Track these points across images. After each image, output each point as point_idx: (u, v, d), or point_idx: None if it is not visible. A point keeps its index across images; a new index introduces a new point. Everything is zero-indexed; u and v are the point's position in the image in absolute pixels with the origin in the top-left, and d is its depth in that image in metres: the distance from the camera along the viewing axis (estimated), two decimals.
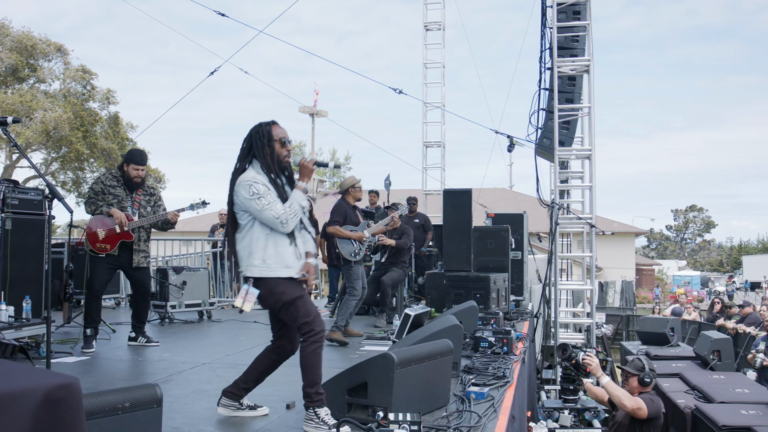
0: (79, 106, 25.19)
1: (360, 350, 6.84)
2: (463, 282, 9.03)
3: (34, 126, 23.23)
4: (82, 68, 25.93)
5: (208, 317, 9.54)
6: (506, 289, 9.57)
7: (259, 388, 4.89)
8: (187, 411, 4.23)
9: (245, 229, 3.95)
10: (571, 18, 10.74)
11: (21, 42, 24.49)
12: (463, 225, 9.76)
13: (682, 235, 71.45)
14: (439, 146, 17.23)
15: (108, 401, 2.75)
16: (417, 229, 11.97)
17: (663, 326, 9.73)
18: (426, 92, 17.25)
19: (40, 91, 25.48)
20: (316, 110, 32.16)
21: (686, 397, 6.00)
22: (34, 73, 25.59)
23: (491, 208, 26.85)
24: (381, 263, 9.35)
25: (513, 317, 9.46)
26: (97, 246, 6.61)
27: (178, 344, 7.20)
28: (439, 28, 17.35)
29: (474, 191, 10.08)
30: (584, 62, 10.32)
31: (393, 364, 3.71)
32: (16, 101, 23.38)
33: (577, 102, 10.65)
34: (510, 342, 6.33)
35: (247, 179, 3.92)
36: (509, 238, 9.85)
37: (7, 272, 6.84)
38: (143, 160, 6.88)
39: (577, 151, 10.50)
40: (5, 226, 6.89)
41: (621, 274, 35.00)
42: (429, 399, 4.10)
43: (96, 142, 25.29)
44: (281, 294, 3.87)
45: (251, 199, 3.86)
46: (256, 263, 3.90)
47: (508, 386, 4.88)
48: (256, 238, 3.91)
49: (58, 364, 5.91)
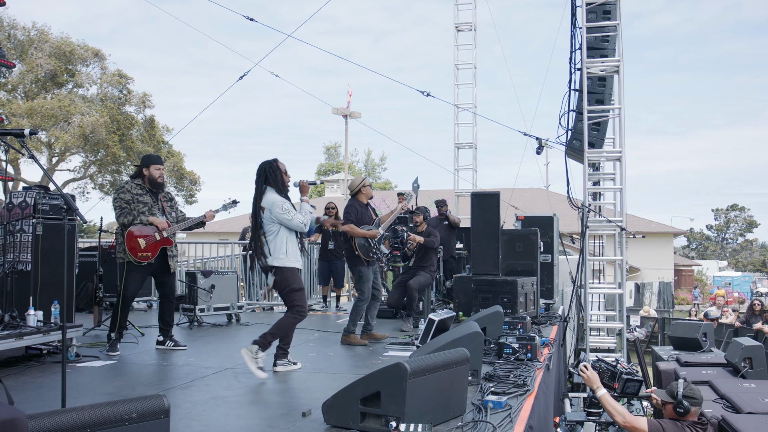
0: (116, 110, 25.63)
1: (383, 355, 6.82)
2: (490, 286, 8.96)
3: (72, 130, 23.70)
4: (119, 73, 26.39)
5: (237, 320, 9.60)
6: (535, 293, 9.46)
7: (275, 395, 4.93)
8: (204, 418, 4.26)
9: (274, 233, 5.66)
10: (601, 18, 10.56)
11: (59, 48, 25.02)
12: (490, 228, 9.69)
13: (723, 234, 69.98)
14: (471, 147, 17.13)
15: (115, 412, 2.76)
16: (447, 232, 11.93)
17: (695, 331, 9.53)
18: (457, 93, 17.16)
19: (78, 96, 25.99)
20: (349, 111, 32.28)
21: (714, 406, 5.85)
22: (72, 78, 26.12)
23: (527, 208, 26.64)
24: (408, 267, 9.32)
25: (542, 321, 9.36)
26: (139, 255, 6.66)
27: (204, 348, 7.26)
28: (470, 28, 17.25)
29: (508, 192, 10.00)
30: (614, 63, 10.14)
31: (406, 374, 3.69)
32: (54, 106, 23.89)
33: (607, 103, 10.47)
34: (534, 348, 6.26)
35: (277, 200, 5.63)
36: (537, 241, 9.74)
37: (38, 277, 6.99)
38: (161, 159, 7.03)
39: (607, 153, 10.32)
40: (36, 232, 7.04)
41: (659, 275, 34.40)
42: (444, 409, 4.06)
43: (132, 145, 25.72)
44: (292, 281, 5.72)
45: (283, 213, 5.62)
46: (281, 257, 5.65)
47: (527, 395, 4.82)
48: (281, 240, 5.66)
49: (85, 368, 6.00)
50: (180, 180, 29.05)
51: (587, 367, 5.17)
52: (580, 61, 10.50)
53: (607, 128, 10.78)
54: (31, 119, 23.49)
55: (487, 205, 9.75)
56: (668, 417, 4.87)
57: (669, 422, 4.79)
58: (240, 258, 13.33)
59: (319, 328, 8.87)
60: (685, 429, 4.72)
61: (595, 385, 5.09)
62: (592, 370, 5.18)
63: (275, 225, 5.64)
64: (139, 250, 6.66)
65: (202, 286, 9.18)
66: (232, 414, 4.36)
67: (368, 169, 64.53)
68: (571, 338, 11.61)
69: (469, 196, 10.58)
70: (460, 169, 17.12)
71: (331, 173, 58.62)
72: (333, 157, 62.07)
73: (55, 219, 7.22)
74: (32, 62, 24.55)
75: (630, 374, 5.32)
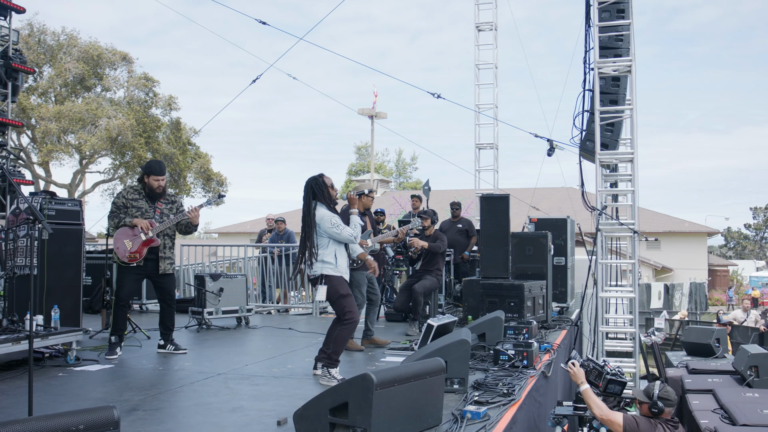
0: (142, 112, 25.99)
1: (381, 360, 6.80)
2: (497, 290, 8.87)
3: (99, 133, 24.09)
4: (145, 76, 26.76)
5: (246, 323, 9.65)
6: (544, 296, 9.34)
7: (260, 402, 4.94)
8: (178, 425, 4.28)
9: (324, 246, 5.80)
10: (615, 17, 10.38)
11: (87, 52, 25.45)
12: (500, 231, 9.58)
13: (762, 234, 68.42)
14: (492, 148, 16.98)
15: (61, 424, 2.78)
16: (460, 234, 11.86)
17: (708, 337, 9.31)
18: (478, 93, 17.00)
19: (105, 99, 26.42)
20: (375, 112, 32.34)
21: (712, 416, 5.70)
22: (100, 81, 26.55)
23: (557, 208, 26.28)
24: (415, 271, 9.27)
25: (551, 326, 9.24)
26: (128, 256, 6.77)
27: (205, 353, 7.30)
28: (491, 28, 17.08)
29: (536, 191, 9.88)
30: (626, 62, 9.97)
31: (372, 385, 3.66)
32: (82, 109, 24.31)
33: (621, 103, 10.29)
34: (530, 355, 6.17)
35: (326, 215, 5.80)
36: (548, 245, 9.60)
37: (44, 281, 7.12)
38: (162, 170, 7.07)
39: (619, 155, 10.14)
40: (42, 237, 7.16)
41: (692, 275, 33.76)
42: (416, 420, 4.02)
43: (158, 147, 26.04)
44: (340, 288, 5.77)
45: (332, 227, 5.76)
46: (331, 267, 5.77)
47: (511, 405, 4.75)
48: (330, 251, 5.80)
49: (81, 372, 6.08)
50: (207, 181, 29.33)
51: (575, 363, 5.43)
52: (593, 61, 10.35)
53: (621, 129, 10.60)
54: (59, 123, 23.94)
55: (497, 208, 9.64)
56: (643, 412, 5.23)
57: (643, 418, 5.11)
58: (256, 260, 13.43)
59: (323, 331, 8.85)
60: (659, 426, 5.00)
61: (580, 381, 5.36)
62: (579, 366, 5.37)
63: (325, 238, 5.79)
64: (126, 251, 6.75)
65: (210, 289, 9.25)
66: (208, 422, 4.37)
67: (399, 169, 64.53)
68: (587, 344, 11.42)
69: None
70: (481, 170, 17.00)
71: (361, 173, 58.77)
72: (364, 157, 62.17)
73: (61, 224, 7.35)
74: (61, 66, 25.02)
75: (615, 375, 5.55)
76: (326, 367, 5.60)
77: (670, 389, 5.25)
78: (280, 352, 7.36)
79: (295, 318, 11.02)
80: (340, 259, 5.84)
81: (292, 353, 7.24)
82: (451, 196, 16.82)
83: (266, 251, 12.56)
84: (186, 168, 27.81)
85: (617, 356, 10.97)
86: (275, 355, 7.13)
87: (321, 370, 5.65)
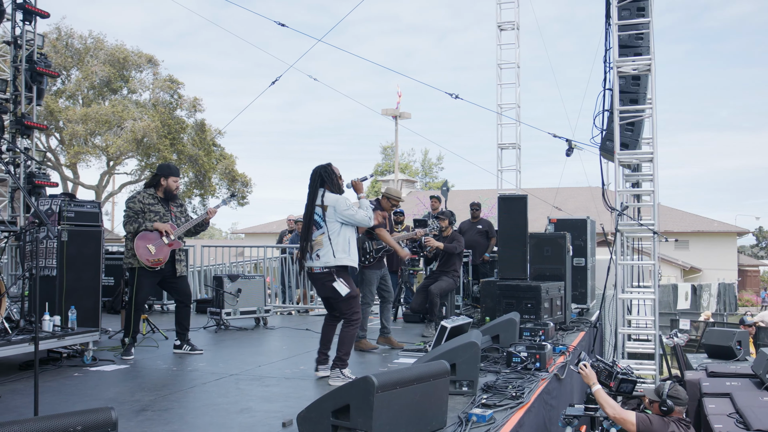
0: (167, 114, 26.28)
1: (394, 362, 6.79)
2: (513, 291, 8.81)
3: (125, 135, 24.42)
4: (170, 78, 27.06)
5: (264, 324, 9.71)
6: (562, 298, 9.26)
7: (268, 403, 4.96)
8: (184, 425, 4.31)
9: (336, 231, 5.57)
10: (635, 15, 10.26)
11: (113, 55, 25.82)
12: (518, 232, 9.54)
13: None
14: (514, 148, 16.88)
15: (59, 425, 2.81)
16: (480, 235, 11.81)
17: (729, 339, 9.16)
18: (500, 93, 16.89)
19: (131, 101, 26.77)
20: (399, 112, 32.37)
21: (726, 421, 5.60)
22: (126, 84, 26.92)
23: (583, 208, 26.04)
24: (432, 272, 9.26)
25: (569, 328, 9.16)
26: (152, 261, 6.84)
27: (220, 353, 7.36)
28: (513, 27, 16.98)
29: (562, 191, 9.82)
30: (645, 61, 9.84)
31: (373, 388, 3.65)
32: (108, 111, 24.67)
33: (642, 102, 10.16)
34: (543, 357, 6.13)
35: (339, 198, 5.64)
36: (566, 245, 9.52)
37: (63, 282, 7.22)
38: (179, 171, 7.20)
39: (638, 154, 10.01)
40: (61, 238, 7.28)
41: (721, 275, 33.22)
42: (419, 423, 4.01)
43: (183, 149, 26.31)
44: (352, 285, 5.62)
45: (348, 209, 5.59)
46: (344, 256, 5.56)
47: (518, 408, 4.72)
48: (344, 239, 5.60)
49: (97, 372, 6.16)
50: (232, 182, 29.56)
51: (586, 365, 5.40)
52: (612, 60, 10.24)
53: (641, 128, 10.47)
54: (86, 125, 24.30)
55: (515, 209, 9.59)
56: (654, 411, 5.25)
57: (656, 416, 5.12)
58: (278, 261, 13.49)
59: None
60: (671, 424, 4.99)
61: (591, 382, 5.37)
62: (590, 368, 5.35)
63: (337, 224, 5.58)
64: (150, 256, 6.83)
65: (228, 290, 9.32)
66: (215, 422, 4.40)
67: (425, 169, 64.41)
68: (607, 346, 11.31)
69: None
70: (503, 170, 16.90)
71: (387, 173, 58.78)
72: (389, 157, 62.21)
73: (80, 225, 7.45)
74: (88, 69, 25.40)
75: (625, 374, 5.56)
76: (338, 368, 5.54)
77: (681, 389, 5.26)
78: (295, 353, 7.40)
79: (315, 318, 11.05)
80: (352, 247, 5.67)
81: (306, 354, 7.26)
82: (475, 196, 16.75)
83: (286, 252, 12.62)
84: (211, 169, 28.06)
85: (639, 358, 10.83)
86: (289, 356, 7.16)
87: (332, 371, 5.59)
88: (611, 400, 5.18)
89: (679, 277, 34.81)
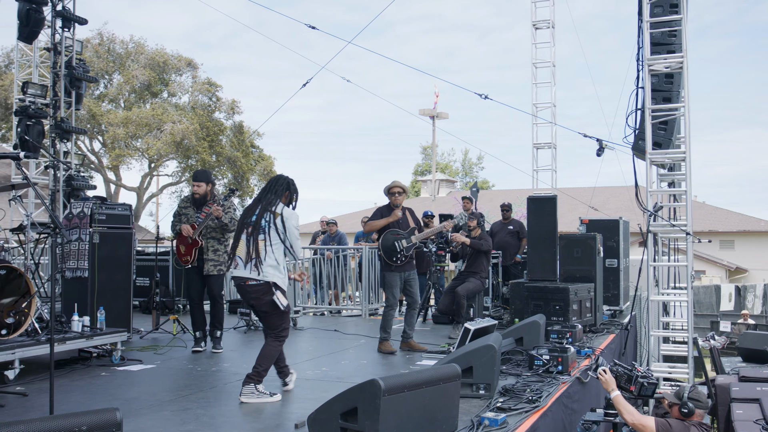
0: (206, 117, 26.68)
1: (417, 363, 6.79)
2: (541, 293, 8.72)
3: (164, 137, 24.87)
4: (208, 81, 27.49)
5: (294, 325, 9.78)
6: (592, 300, 9.13)
7: (284, 404, 5.01)
8: (202, 426, 4.38)
9: (278, 244, 5.18)
10: (668, 12, 10.06)
11: (154, 59, 26.34)
12: (547, 233, 9.42)
13: None
14: (550, 147, 16.71)
15: (64, 425, 2.89)
16: (511, 236, 11.72)
17: (764, 343, 8.93)
18: (536, 92, 16.72)
19: (171, 104, 27.25)
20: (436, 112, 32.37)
21: (753, 428, 5.47)
22: (166, 87, 27.43)
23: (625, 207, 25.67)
24: (459, 273, 9.23)
25: (599, 330, 9.05)
26: (183, 259, 7.43)
27: (246, 354, 7.44)
28: (548, 26, 16.80)
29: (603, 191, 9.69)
30: (677, 59, 9.65)
31: (380, 391, 3.66)
32: (148, 115, 25.18)
33: (675, 101, 9.96)
34: (566, 361, 6.06)
35: (293, 214, 5.28)
36: (597, 247, 9.38)
37: (95, 283, 7.41)
38: (197, 177, 7.60)
39: (670, 154, 9.82)
40: (93, 240, 7.48)
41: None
42: (428, 426, 4.00)
43: (221, 150, 26.69)
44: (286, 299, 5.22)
45: (297, 228, 5.26)
46: (281, 275, 5.19)
47: (533, 411, 4.68)
48: (280, 255, 5.20)
49: (125, 371, 6.29)
50: None
51: (605, 371, 5.24)
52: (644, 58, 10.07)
53: (675, 127, 10.27)
54: (127, 128, 24.82)
55: (544, 209, 9.48)
56: (674, 415, 5.09)
57: (676, 420, 4.98)
58: (310, 261, 13.57)
59: (369, 333, 8.92)
60: (692, 428, 4.88)
61: (611, 388, 5.18)
62: (609, 374, 5.21)
63: (279, 237, 5.18)
64: (181, 255, 7.42)
65: None
66: (229, 422, 4.47)
67: (465, 169, 64.15)
68: (641, 351, 11.12)
69: None
70: (539, 170, 16.74)
71: (427, 173, 58.73)
72: (429, 156, 62.14)
73: (112, 228, 7.64)
74: (129, 74, 25.94)
75: (645, 377, 5.41)
76: (253, 383, 5.11)
77: (702, 391, 5.14)
78: (319, 354, 7.45)
79: (345, 320, 11.11)
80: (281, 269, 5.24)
81: (330, 355, 7.31)
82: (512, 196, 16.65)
83: (317, 253, 12.70)
84: (249, 170, 28.39)
85: (675, 361, 10.63)
86: (313, 357, 7.22)
87: (246, 386, 5.10)
88: (630, 406, 5.07)
89: (724, 278, 33.98)
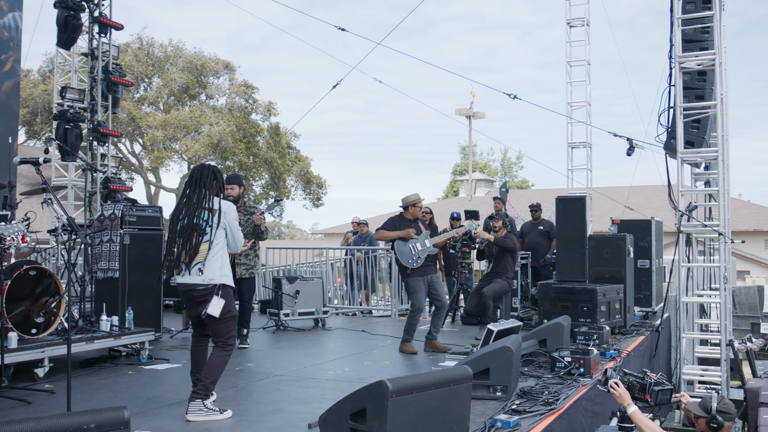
0: (242, 119, 27.01)
1: (439, 365, 6.80)
2: (569, 294, 8.64)
3: (202, 139, 25.24)
4: (245, 83, 27.81)
5: (322, 325, 9.87)
6: (621, 301, 9.01)
7: (302, 404, 5.06)
8: (217, 426, 4.46)
9: (220, 244, 4.77)
10: (700, 8, 9.88)
11: (192, 62, 26.76)
12: (576, 233, 9.34)
13: None
14: (585, 147, 16.51)
15: (72, 422, 2.97)
16: (541, 236, 11.64)
17: None
18: (570, 91, 16.53)
19: (208, 107, 27.65)
20: (473, 112, 32.26)
21: None
22: (203, 90, 27.84)
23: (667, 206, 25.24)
24: (486, 274, 9.21)
25: (629, 332, 8.94)
26: None
27: (272, 353, 7.55)
28: (582, 24, 16.61)
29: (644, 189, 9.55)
30: (710, 56, 9.46)
31: (387, 392, 3.68)
32: (186, 117, 25.59)
33: (708, 99, 9.77)
34: (588, 363, 6.01)
35: (230, 206, 4.87)
36: (627, 247, 9.26)
37: (125, 284, 7.58)
38: (230, 180, 7.56)
39: (702, 153, 9.63)
40: (124, 242, 7.66)
41: None
42: (438, 428, 4.01)
43: (258, 152, 26.98)
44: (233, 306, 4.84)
45: (236, 220, 4.88)
46: (227, 274, 4.78)
47: (548, 414, 4.65)
48: (224, 254, 4.81)
49: (151, 370, 6.42)
50: (307, 184, 30.10)
51: (617, 383, 4.85)
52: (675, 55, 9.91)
53: (709, 125, 10.08)
54: (165, 130, 25.25)
55: (573, 210, 9.41)
56: (700, 429, 4.74)
57: None
58: (342, 262, 13.66)
59: (396, 334, 8.94)
60: None
61: (626, 402, 4.75)
62: (623, 386, 4.86)
63: (222, 232, 4.81)
64: None
65: (287, 292, 9.53)
66: (244, 421, 4.55)
67: (504, 168, 63.75)
68: (674, 353, 10.93)
69: None
70: (573, 170, 16.56)
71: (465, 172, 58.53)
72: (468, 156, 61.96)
73: (142, 229, 7.81)
74: (168, 77, 26.39)
75: (659, 384, 5.03)
76: (200, 399, 4.64)
77: (729, 401, 4.85)
78: (345, 354, 7.51)
79: (375, 320, 11.16)
80: (227, 263, 4.83)
81: (354, 356, 7.36)
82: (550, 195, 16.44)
83: (348, 254, 12.78)
84: (285, 171, 28.65)
85: (709, 364, 10.43)
86: (337, 358, 7.27)
87: (193, 402, 4.64)
88: (650, 422, 4.73)
89: None
